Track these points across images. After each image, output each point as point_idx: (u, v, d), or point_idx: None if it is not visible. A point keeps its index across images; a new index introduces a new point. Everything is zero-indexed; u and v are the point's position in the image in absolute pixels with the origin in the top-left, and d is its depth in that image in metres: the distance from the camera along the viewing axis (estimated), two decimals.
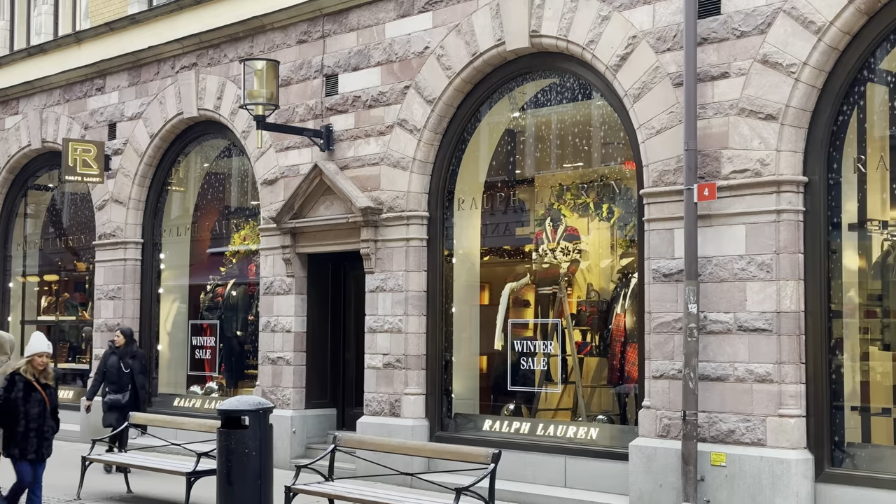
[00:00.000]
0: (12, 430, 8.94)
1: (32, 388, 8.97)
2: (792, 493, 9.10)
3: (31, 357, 9.06)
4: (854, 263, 9.76)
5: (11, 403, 8.89)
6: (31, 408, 8.93)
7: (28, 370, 8.99)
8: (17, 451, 8.99)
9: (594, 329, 12.16)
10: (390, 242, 12.59)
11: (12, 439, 8.95)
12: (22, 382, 8.95)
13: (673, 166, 10.15)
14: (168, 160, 16.13)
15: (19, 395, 8.91)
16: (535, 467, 11.24)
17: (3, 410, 8.91)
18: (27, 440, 8.93)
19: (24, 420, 8.90)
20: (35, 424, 8.97)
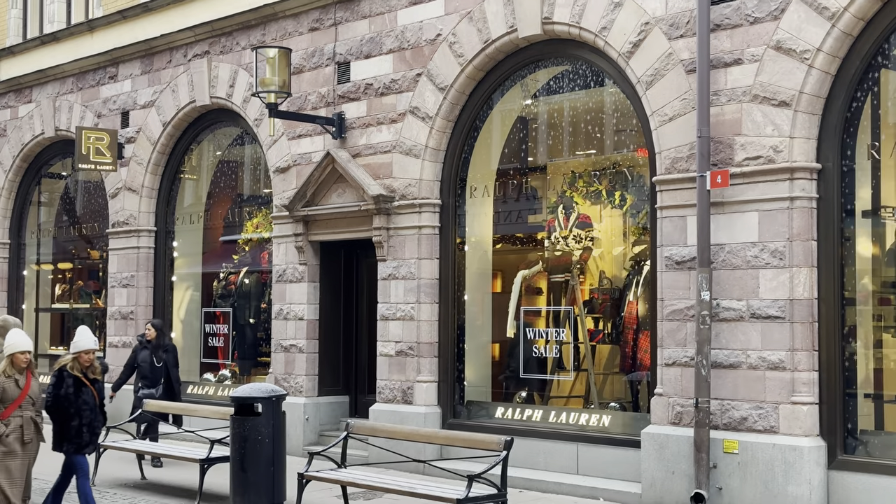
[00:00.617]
0: (65, 427, 8.86)
1: (82, 384, 8.87)
2: (805, 481, 9.10)
3: (77, 353, 8.92)
4: (868, 250, 9.72)
5: (61, 400, 8.81)
6: (81, 404, 8.83)
7: (75, 367, 8.87)
8: (73, 447, 8.91)
9: (606, 316, 12.15)
10: (402, 230, 12.60)
11: (65, 435, 8.87)
12: (71, 379, 8.84)
13: (686, 153, 10.12)
14: (181, 148, 16.17)
15: (69, 391, 8.81)
16: (548, 454, 11.25)
17: (53, 407, 8.82)
18: (81, 436, 8.87)
19: (77, 416, 8.82)
20: (87, 420, 8.87)
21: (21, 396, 8.57)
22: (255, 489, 9.87)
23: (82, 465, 9.03)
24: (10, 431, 8.52)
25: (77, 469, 8.99)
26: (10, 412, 8.53)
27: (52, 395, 8.84)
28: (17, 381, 8.63)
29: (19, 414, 8.59)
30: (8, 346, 8.73)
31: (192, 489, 10.76)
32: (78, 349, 8.93)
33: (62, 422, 8.85)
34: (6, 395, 8.54)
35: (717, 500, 9.54)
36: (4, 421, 8.51)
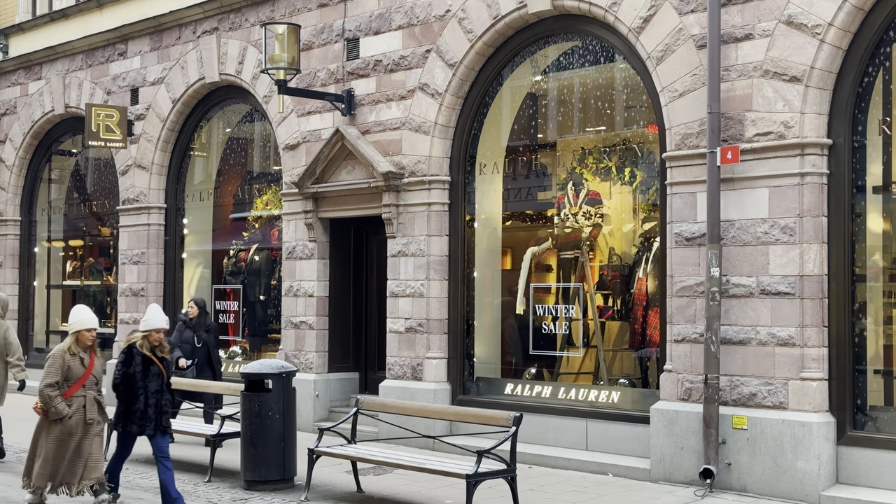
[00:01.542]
0: (130, 406, 8.59)
1: (150, 363, 8.62)
2: (814, 456, 9.11)
3: (148, 332, 8.66)
4: (878, 226, 9.69)
5: (130, 378, 8.56)
6: (149, 382, 8.57)
7: (145, 345, 8.62)
8: (136, 428, 8.62)
9: (616, 293, 12.15)
10: (412, 207, 12.60)
11: (130, 416, 8.60)
12: (140, 357, 8.60)
13: (696, 129, 10.09)
14: (190, 125, 16.18)
15: (138, 369, 8.56)
16: (557, 430, 11.29)
17: (121, 385, 8.59)
18: (146, 416, 8.58)
19: (143, 395, 8.55)
20: (154, 399, 8.59)
21: (85, 375, 8.43)
22: (265, 464, 9.95)
23: (128, 446, 8.83)
24: (74, 411, 8.39)
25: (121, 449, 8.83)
26: (73, 391, 8.39)
27: (120, 372, 8.59)
28: (82, 360, 8.47)
29: (82, 393, 8.46)
30: (73, 323, 8.57)
31: (203, 464, 10.83)
32: (149, 327, 8.67)
33: (128, 401, 8.61)
34: (71, 374, 8.39)
35: (725, 476, 9.57)
36: (67, 400, 8.38)
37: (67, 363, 8.40)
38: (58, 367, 8.38)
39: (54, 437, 8.38)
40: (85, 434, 8.49)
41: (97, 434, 8.62)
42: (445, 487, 9.66)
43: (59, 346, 8.59)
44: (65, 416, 8.31)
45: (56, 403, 8.31)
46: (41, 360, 18.84)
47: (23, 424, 10.47)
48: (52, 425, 8.39)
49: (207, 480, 10.31)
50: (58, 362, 8.39)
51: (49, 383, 8.34)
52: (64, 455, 8.39)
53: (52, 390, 8.33)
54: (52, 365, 8.40)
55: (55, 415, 8.32)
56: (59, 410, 8.32)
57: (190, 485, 10.17)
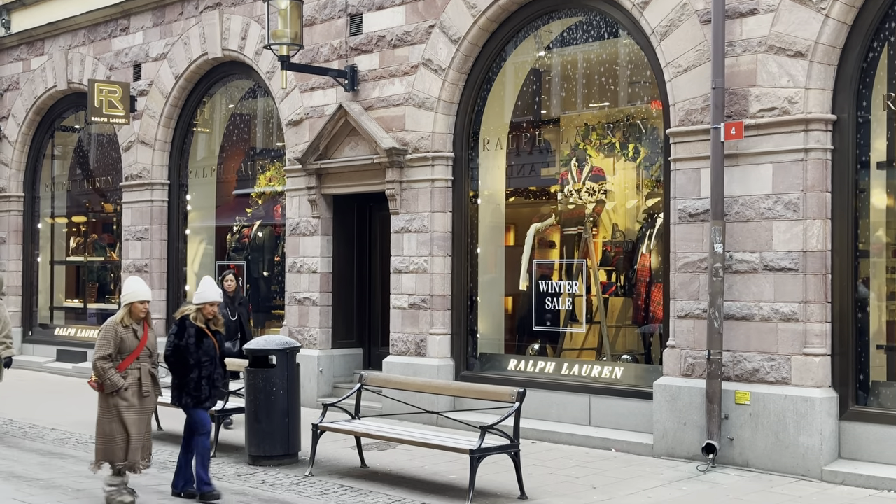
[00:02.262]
0: (184, 379, 8.44)
1: (204, 335, 8.48)
2: (816, 431, 9.15)
3: (202, 305, 8.51)
4: (882, 202, 9.68)
5: (182, 351, 8.42)
6: (202, 355, 8.43)
7: (198, 317, 8.48)
8: (191, 400, 8.46)
9: (619, 269, 12.16)
10: (415, 183, 12.60)
11: (184, 388, 8.45)
12: (193, 329, 8.45)
13: (700, 105, 10.07)
14: (193, 101, 16.15)
15: (191, 341, 8.42)
16: (560, 406, 11.33)
17: (173, 357, 8.44)
18: (200, 388, 8.43)
19: (196, 368, 8.41)
20: (206, 372, 8.45)
21: (139, 348, 8.22)
22: (269, 440, 10.00)
23: (203, 422, 8.55)
24: (129, 384, 8.17)
25: (197, 425, 8.52)
26: (127, 364, 8.18)
27: (172, 344, 8.46)
28: (136, 332, 8.26)
29: (137, 366, 8.23)
30: (126, 295, 8.33)
31: None
32: (203, 300, 8.52)
33: (182, 374, 8.46)
34: (124, 346, 8.18)
35: (728, 451, 9.61)
36: (122, 373, 8.15)
37: (120, 335, 8.16)
38: (110, 339, 8.13)
39: (112, 411, 8.15)
40: (142, 408, 8.25)
41: (152, 408, 8.44)
42: (449, 463, 9.71)
43: (111, 318, 8.33)
44: (120, 388, 8.07)
45: (110, 375, 8.07)
46: (45, 335, 19.10)
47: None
48: (108, 399, 8.14)
49: (212, 456, 10.35)
50: (110, 334, 8.14)
51: (102, 356, 8.11)
52: (118, 431, 8.15)
53: (105, 362, 8.09)
54: (105, 337, 8.16)
55: (110, 387, 8.08)
56: (115, 382, 8.07)
57: None
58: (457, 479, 9.15)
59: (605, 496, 8.64)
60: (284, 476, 9.43)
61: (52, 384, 16.37)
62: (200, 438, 8.47)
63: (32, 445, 11.03)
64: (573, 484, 9.09)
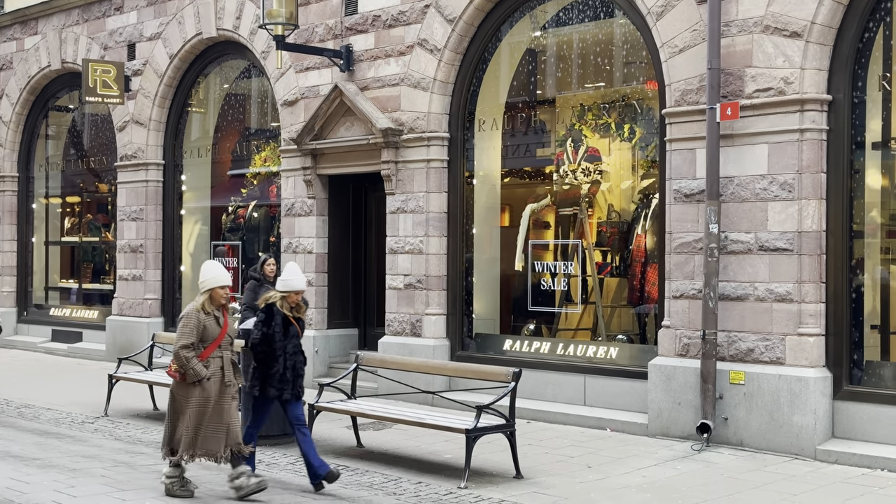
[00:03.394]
0: (269, 368, 8.06)
1: (289, 323, 8.14)
2: (810, 411, 9.20)
3: (287, 293, 8.14)
4: (877, 183, 9.70)
5: (269, 339, 8.05)
6: (288, 343, 8.10)
7: (284, 305, 8.11)
8: (274, 391, 8.06)
9: (615, 250, 12.18)
10: (411, 164, 12.59)
11: (268, 378, 8.05)
12: (279, 317, 8.09)
13: (695, 85, 10.06)
14: (188, 81, 16.10)
15: (277, 330, 8.06)
16: (555, 386, 11.37)
17: (260, 346, 8.07)
18: (284, 379, 8.07)
19: (282, 357, 8.06)
20: (291, 362, 8.11)
21: (221, 335, 7.85)
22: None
23: (266, 414, 8.25)
24: (211, 373, 7.79)
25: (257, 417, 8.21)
26: (209, 352, 7.80)
27: (260, 332, 8.07)
28: (217, 319, 7.87)
29: (219, 354, 7.86)
30: (206, 280, 7.91)
31: None
32: (289, 288, 8.13)
33: (267, 362, 8.08)
34: (207, 334, 7.78)
35: (722, 431, 9.66)
36: (204, 362, 7.77)
37: (203, 323, 7.77)
38: (193, 327, 7.74)
39: (194, 401, 7.75)
40: (222, 397, 7.86)
41: (234, 397, 8.00)
42: (445, 442, 9.75)
43: (191, 305, 7.93)
44: (203, 378, 7.70)
45: (193, 365, 7.67)
46: (40, 316, 19.09)
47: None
48: (189, 389, 7.74)
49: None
50: (192, 322, 7.76)
51: (184, 344, 7.69)
52: (204, 421, 7.76)
53: (188, 351, 7.68)
54: (187, 325, 7.76)
55: (193, 377, 7.68)
56: (198, 372, 7.69)
57: None
58: (452, 459, 9.19)
59: (600, 475, 8.69)
60: (281, 455, 9.47)
61: (47, 364, 16.39)
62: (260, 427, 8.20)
63: (28, 425, 11.06)
64: (568, 463, 9.14)
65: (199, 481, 8.09)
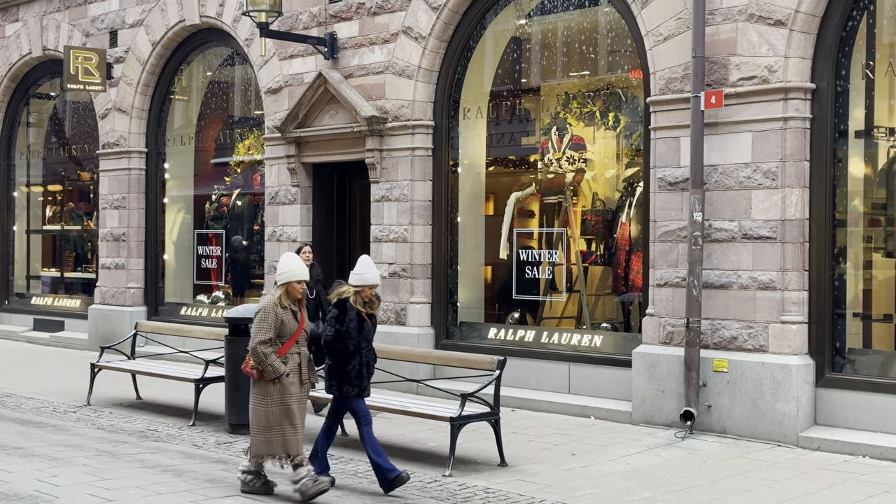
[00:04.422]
0: (345, 366, 7.69)
1: (363, 320, 7.78)
2: (793, 398, 9.24)
3: (360, 287, 7.77)
4: (860, 171, 9.74)
5: (343, 336, 7.68)
6: (362, 341, 7.75)
7: (358, 300, 7.75)
8: (354, 390, 7.72)
9: (599, 238, 12.20)
10: (395, 152, 12.56)
11: (345, 376, 7.69)
12: (354, 312, 7.73)
13: (680, 74, 10.07)
14: (170, 69, 16.00)
15: (352, 326, 7.69)
16: (540, 374, 11.38)
17: (335, 343, 7.70)
18: (361, 376, 7.73)
19: (357, 354, 7.70)
20: (366, 359, 7.77)
21: (298, 330, 7.57)
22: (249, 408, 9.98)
23: (366, 412, 7.85)
24: (290, 370, 7.50)
25: (360, 416, 7.78)
26: (287, 348, 7.50)
27: (333, 329, 7.70)
28: (295, 314, 7.58)
29: (297, 350, 7.58)
30: (283, 274, 7.58)
31: (187, 408, 10.89)
32: (363, 283, 7.78)
33: (342, 360, 7.69)
34: (284, 329, 7.48)
35: (706, 418, 9.69)
36: (282, 358, 7.47)
37: (280, 317, 7.46)
38: (271, 322, 7.43)
39: (273, 400, 7.46)
40: (300, 395, 7.61)
41: (307, 396, 7.81)
42: (429, 430, 9.75)
43: (266, 298, 7.59)
44: (282, 375, 7.41)
45: (272, 361, 7.37)
46: (21, 305, 18.96)
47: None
48: (268, 387, 7.45)
49: (192, 424, 10.38)
50: (270, 317, 7.44)
51: (262, 340, 7.39)
52: (282, 421, 7.46)
53: (267, 347, 7.39)
54: (265, 320, 7.44)
55: (271, 374, 7.38)
56: (276, 369, 7.38)
57: (174, 428, 10.24)
58: (437, 447, 9.20)
59: (585, 463, 8.71)
60: None
61: (29, 353, 16.30)
62: (365, 429, 7.75)
63: (10, 414, 11.00)
64: (553, 451, 9.16)
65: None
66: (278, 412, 7.44)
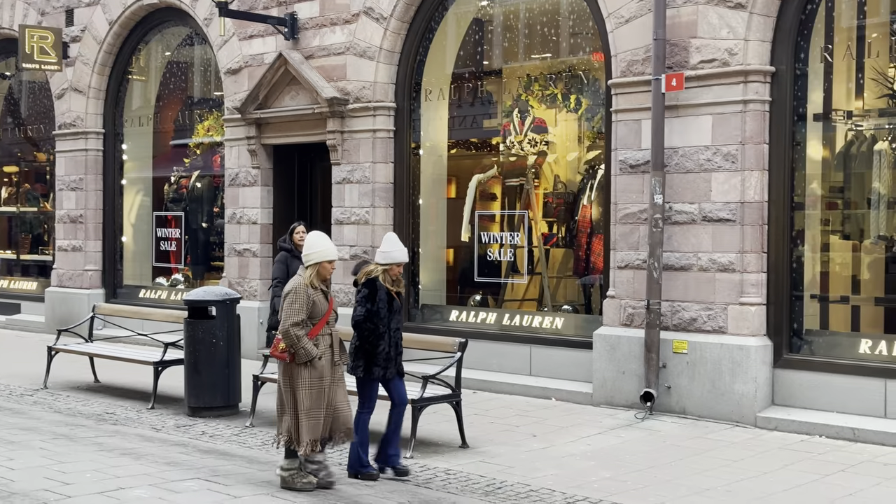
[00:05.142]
0: (375, 347, 7.49)
1: (392, 299, 7.58)
2: (751, 379, 9.33)
3: (388, 266, 7.57)
4: (818, 154, 9.82)
5: (374, 315, 7.48)
6: (391, 320, 7.56)
7: (386, 279, 7.54)
8: (380, 371, 7.52)
9: (561, 221, 12.22)
10: (357, 134, 12.49)
11: (374, 357, 7.49)
12: (383, 291, 7.52)
13: (641, 56, 10.08)
14: (128, 48, 15.79)
15: (381, 305, 7.49)
16: (501, 356, 11.40)
17: (365, 323, 7.48)
18: (389, 357, 7.55)
19: (386, 334, 7.52)
20: (394, 339, 7.61)
21: (328, 312, 7.34)
22: (209, 391, 9.94)
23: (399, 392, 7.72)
24: (322, 352, 7.27)
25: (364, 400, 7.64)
26: (318, 329, 7.27)
27: (364, 308, 7.49)
28: (325, 294, 7.36)
29: (328, 332, 7.35)
30: (314, 253, 7.32)
31: (146, 391, 10.80)
32: (391, 261, 7.55)
33: (373, 342, 7.49)
34: (315, 310, 7.24)
35: (665, 399, 9.76)
36: (314, 340, 7.24)
37: (312, 298, 7.22)
38: (303, 304, 7.19)
39: (306, 384, 7.22)
40: (333, 378, 7.36)
41: (342, 377, 7.49)
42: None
43: (296, 279, 7.33)
44: (314, 358, 7.20)
45: (304, 344, 7.16)
46: None
47: None
48: (300, 371, 7.22)
49: (151, 407, 10.29)
50: (302, 298, 7.19)
51: (295, 321, 7.16)
52: (319, 404, 7.24)
53: (299, 329, 7.16)
54: (297, 301, 7.20)
55: (304, 357, 7.17)
56: (309, 351, 7.17)
57: (133, 411, 10.15)
58: None
59: (546, 444, 8.74)
60: (225, 427, 9.39)
61: None
62: (364, 417, 7.62)
63: None
64: (514, 433, 9.18)
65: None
66: (311, 396, 7.21)
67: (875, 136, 9.62)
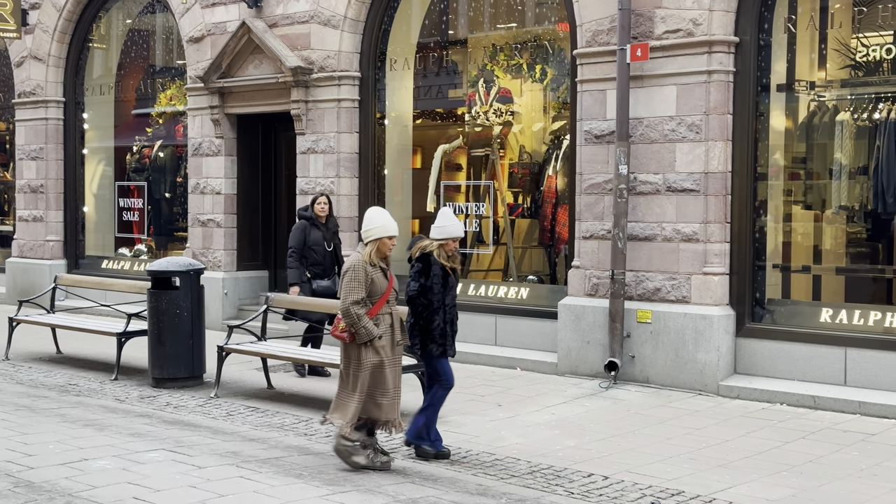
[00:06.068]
0: (430, 324, 7.26)
1: (447, 274, 7.32)
2: (713, 348, 9.42)
3: (444, 241, 7.29)
4: (781, 125, 9.89)
5: (428, 291, 7.24)
6: (446, 297, 7.30)
7: (441, 255, 7.29)
8: (439, 349, 7.30)
9: (526, 191, 12.23)
10: (321, 103, 12.40)
11: (430, 334, 7.27)
12: (438, 267, 7.26)
13: (606, 26, 10.07)
14: (88, 15, 15.56)
15: (436, 281, 7.24)
16: (467, 326, 11.35)
17: (419, 299, 7.26)
18: (445, 335, 7.30)
19: (441, 311, 7.27)
20: (450, 316, 7.34)
21: (388, 289, 7.08)
22: (174, 362, 9.89)
23: (449, 374, 7.44)
24: (383, 332, 7.02)
25: (443, 377, 7.41)
26: (378, 308, 7.00)
27: (418, 284, 7.26)
28: (385, 272, 7.10)
29: (388, 310, 7.09)
30: (373, 229, 7.07)
31: (109, 363, 10.72)
32: (447, 235, 7.29)
33: (427, 318, 7.27)
34: (375, 288, 6.98)
35: (629, 368, 9.84)
36: (374, 319, 6.98)
37: (370, 276, 6.97)
38: (362, 281, 6.93)
39: (367, 364, 6.99)
40: (394, 357, 7.14)
41: (400, 358, 7.30)
42: None
43: (354, 256, 7.08)
44: (374, 338, 6.96)
45: (365, 323, 6.90)
46: None
47: None
48: (360, 351, 6.98)
49: (114, 378, 10.23)
50: (361, 275, 6.94)
51: (355, 300, 6.90)
52: (377, 386, 7.03)
53: (360, 308, 6.90)
54: (356, 279, 6.94)
55: (364, 336, 6.92)
56: (370, 331, 6.92)
57: (96, 383, 10.09)
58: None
59: (511, 413, 8.79)
60: (189, 398, 9.36)
61: None
62: (441, 392, 7.43)
63: None
64: (479, 402, 9.22)
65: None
66: (373, 377, 7.00)
67: (837, 107, 9.69)
